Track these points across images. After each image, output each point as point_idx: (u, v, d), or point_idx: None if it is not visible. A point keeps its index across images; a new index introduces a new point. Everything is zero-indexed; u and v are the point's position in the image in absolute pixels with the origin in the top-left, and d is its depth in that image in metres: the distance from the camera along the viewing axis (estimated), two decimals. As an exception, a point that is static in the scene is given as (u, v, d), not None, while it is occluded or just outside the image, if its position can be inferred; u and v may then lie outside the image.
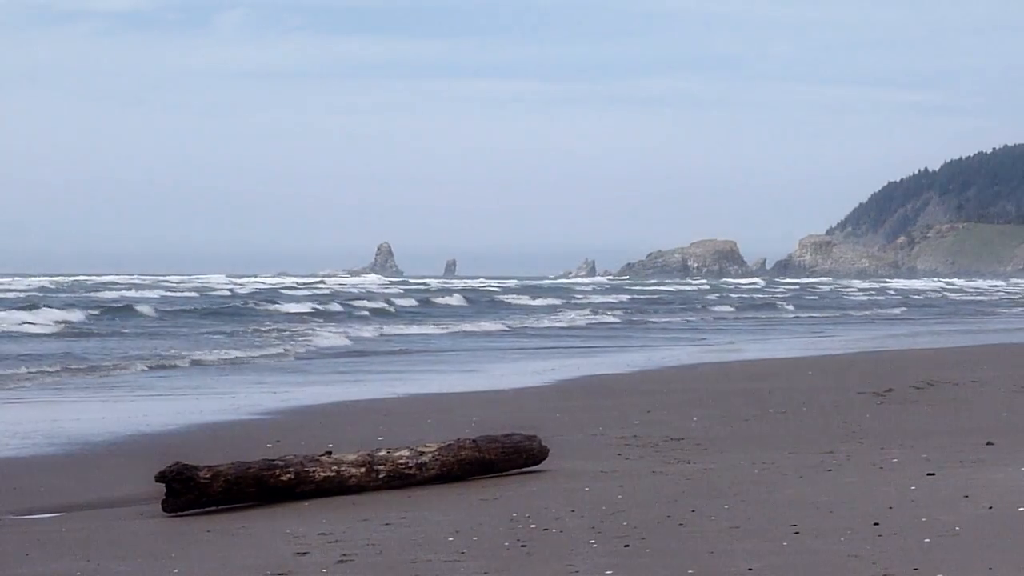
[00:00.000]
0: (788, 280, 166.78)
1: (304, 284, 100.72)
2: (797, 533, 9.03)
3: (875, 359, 29.28)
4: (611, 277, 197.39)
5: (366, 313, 56.30)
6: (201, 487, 10.92)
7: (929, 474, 11.40)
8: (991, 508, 9.64)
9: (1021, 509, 9.55)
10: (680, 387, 21.84)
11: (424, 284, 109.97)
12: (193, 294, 75.61)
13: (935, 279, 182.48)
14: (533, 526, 9.64)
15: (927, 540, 8.67)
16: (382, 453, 11.97)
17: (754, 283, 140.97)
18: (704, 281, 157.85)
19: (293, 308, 56.87)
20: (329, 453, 11.74)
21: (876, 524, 9.18)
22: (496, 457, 12.48)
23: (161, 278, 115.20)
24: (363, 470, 11.72)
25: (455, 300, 70.39)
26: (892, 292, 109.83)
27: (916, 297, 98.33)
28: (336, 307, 59.35)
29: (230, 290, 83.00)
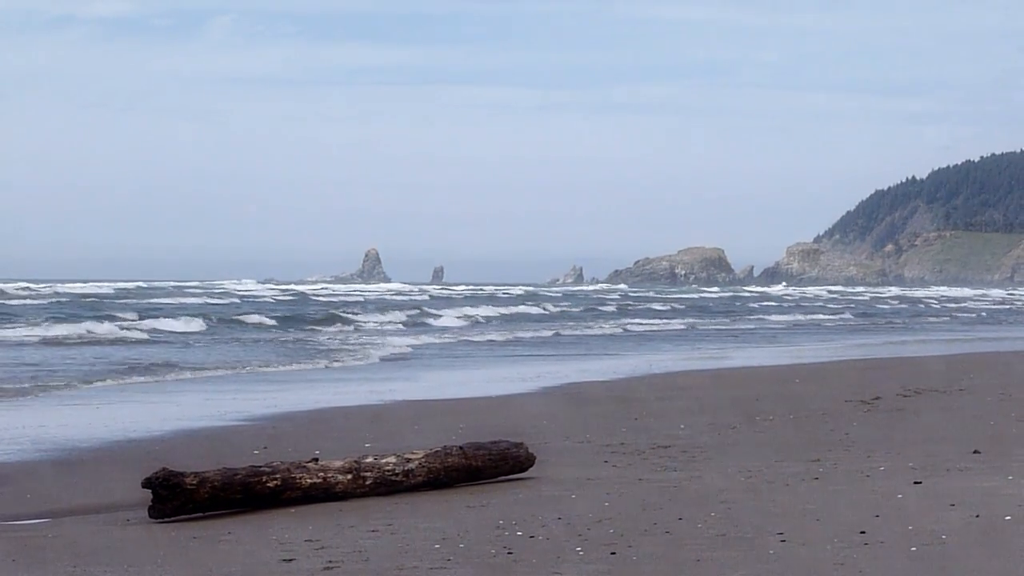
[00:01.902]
0: (807, 288, 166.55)
1: (358, 291, 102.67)
2: (784, 541, 9.03)
3: (862, 367, 29.30)
4: (626, 286, 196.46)
5: (453, 323, 57.46)
6: (187, 493, 10.91)
7: (916, 482, 11.42)
8: (978, 516, 9.65)
9: (1008, 517, 9.56)
10: (667, 394, 21.84)
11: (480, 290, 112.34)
12: (235, 300, 76.00)
13: (959, 287, 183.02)
14: (520, 533, 9.64)
15: (914, 548, 8.68)
16: (369, 460, 11.96)
17: (764, 292, 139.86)
18: (718, 288, 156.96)
19: (380, 318, 57.46)
20: (316, 459, 11.73)
21: (863, 532, 9.18)
22: (483, 464, 12.47)
23: (169, 283, 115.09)
24: (350, 477, 11.71)
25: (530, 309, 71.77)
26: (933, 302, 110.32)
27: (948, 306, 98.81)
28: (413, 314, 60.40)
29: (272, 298, 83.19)
